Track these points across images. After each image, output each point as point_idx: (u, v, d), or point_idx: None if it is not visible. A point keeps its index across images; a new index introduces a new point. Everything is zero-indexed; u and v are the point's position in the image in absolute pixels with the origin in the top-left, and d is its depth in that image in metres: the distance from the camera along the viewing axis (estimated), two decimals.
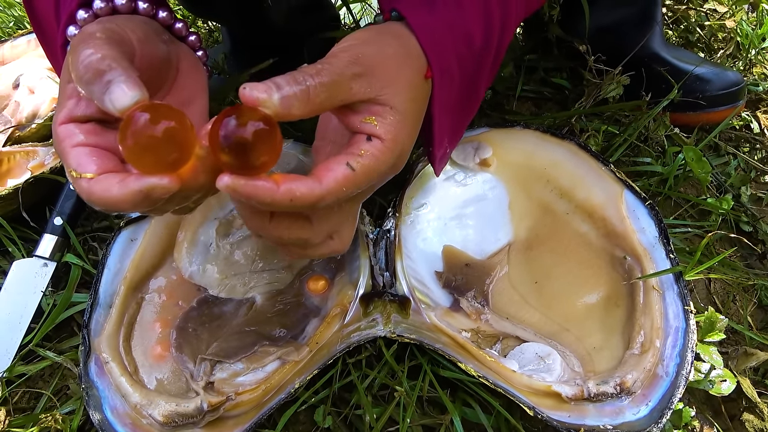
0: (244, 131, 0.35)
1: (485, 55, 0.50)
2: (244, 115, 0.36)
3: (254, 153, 0.36)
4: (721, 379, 0.61)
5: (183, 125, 0.36)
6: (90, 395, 0.55)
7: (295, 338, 0.62)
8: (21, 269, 0.68)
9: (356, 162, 0.41)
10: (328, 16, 0.97)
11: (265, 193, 0.37)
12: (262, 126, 0.36)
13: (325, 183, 0.39)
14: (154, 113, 0.35)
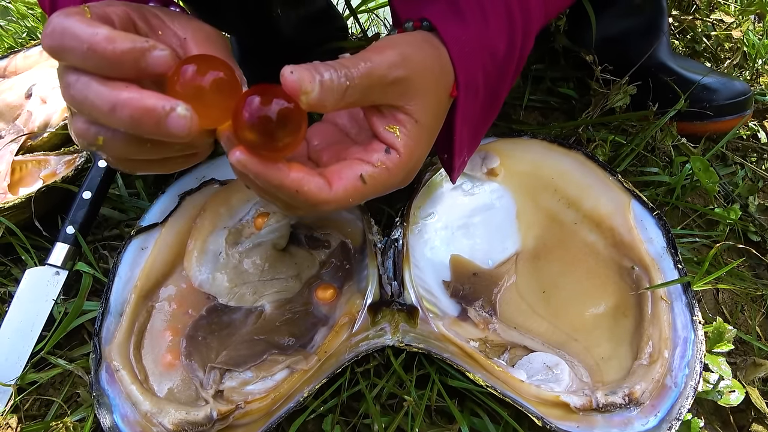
0: (270, 110, 0.35)
1: (508, 65, 0.51)
2: (272, 94, 0.36)
3: (279, 134, 0.36)
4: (729, 389, 0.61)
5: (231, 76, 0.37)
6: (101, 403, 0.55)
7: (303, 347, 0.62)
8: (33, 277, 0.69)
9: (369, 175, 0.41)
10: (335, 26, 0.97)
11: (275, 175, 0.37)
12: (289, 106, 0.36)
13: (334, 189, 0.40)
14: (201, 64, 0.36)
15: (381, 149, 0.43)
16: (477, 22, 0.48)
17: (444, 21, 0.47)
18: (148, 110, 0.35)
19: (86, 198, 0.72)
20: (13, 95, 0.91)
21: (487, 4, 0.48)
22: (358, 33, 1.04)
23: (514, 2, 0.49)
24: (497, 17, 0.48)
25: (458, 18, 0.47)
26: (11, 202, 0.71)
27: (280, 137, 0.36)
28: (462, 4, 0.47)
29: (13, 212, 0.71)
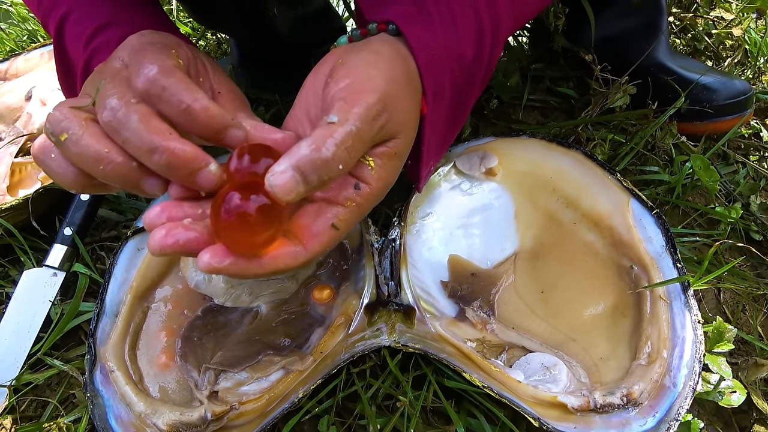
0: (249, 207, 0.36)
1: (476, 71, 0.50)
2: (250, 189, 0.37)
3: (258, 230, 0.37)
4: (730, 390, 0.60)
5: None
6: (95, 404, 0.55)
7: (299, 348, 0.62)
8: (31, 278, 0.69)
9: (341, 219, 0.40)
10: (334, 27, 0.97)
11: (250, 271, 0.38)
12: (268, 203, 0.36)
13: (309, 249, 0.39)
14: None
15: (349, 185, 0.41)
16: (445, 26, 0.46)
17: (411, 24, 0.45)
18: (188, 161, 0.37)
19: (84, 200, 0.72)
20: (13, 97, 0.91)
21: (456, 7, 0.47)
22: None
23: (482, 8, 0.48)
24: (466, 22, 0.47)
25: (426, 21, 0.46)
26: (9, 204, 0.71)
27: (260, 232, 0.37)
28: (430, 6, 0.46)
29: (11, 213, 0.71)
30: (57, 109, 0.40)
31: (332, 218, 0.40)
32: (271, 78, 0.93)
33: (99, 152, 0.38)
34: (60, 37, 0.52)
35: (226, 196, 0.37)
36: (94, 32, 0.49)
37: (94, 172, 0.39)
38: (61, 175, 0.41)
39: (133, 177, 0.39)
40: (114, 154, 0.38)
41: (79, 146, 0.38)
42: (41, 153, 0.41)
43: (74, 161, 0.40)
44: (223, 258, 0.36)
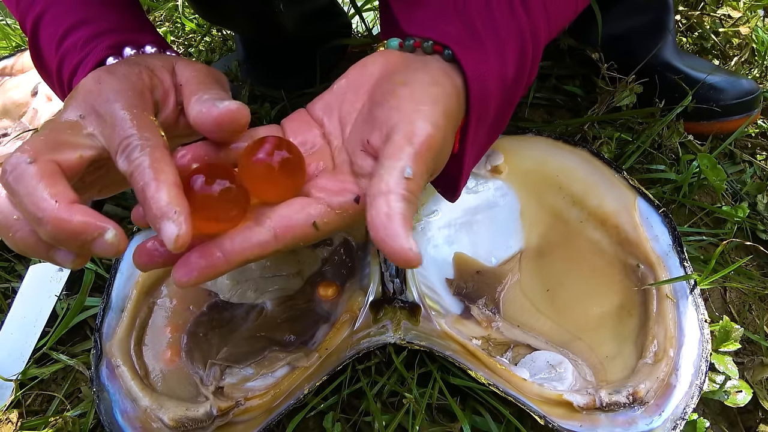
0: (213, 189, 0.36)
1: (517, 89, 0.48)
2: (215, 173, 0.37)
3: (223, 210, 0.37)
4: (736, 389, 0.60)
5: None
6: (101, 399, 0.55)
7: (304, 344, 0.62)
8: (37, 274, 0.69)
9: (325, 222, 0.39)
10: (340, 23, 0.97)
11: (218, 272, 0.36)
12: (230, 185, 0.37)
13: (281, 240, 0.38)
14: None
15: (350, 193, 0.40)
16: (495, 52, 0.44)
17: (466, 51, 0.43)
18: (76, 233, 0.33)
19: None
20: (19, 93, 0.91)
21: (502, 28, 0.45)
22: (363, 31, 1.03)
23: (524, 25, 0.46)
24: (511, 43, 0.45)
25: (478, 47, 0.44)
26: None
27: (220, 215, 0.37)
28: (478, 26, 0.44)
29: None
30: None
31: (316, 217, 0.38)
32: (276, 74, 0.93)
33: (8, 218, 0.35)
34: (35, 39, 0.50)
35: (191, 177, 0.37)
36: (65, 32, 0.48)
37: (7, 240, 0.36)
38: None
39: (41, 249, 0.36)
40: (22, 222, 0.35)
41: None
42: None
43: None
44: (190, 271, 0.35)
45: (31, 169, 0.34)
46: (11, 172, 0.34)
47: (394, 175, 0.36)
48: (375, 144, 0.40)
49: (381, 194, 0.35)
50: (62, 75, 0.48)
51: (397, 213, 0.34)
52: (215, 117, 0.40)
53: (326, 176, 0.42)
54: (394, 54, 0.46)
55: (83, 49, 0.47)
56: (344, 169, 0.42)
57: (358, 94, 0.44)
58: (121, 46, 0.47)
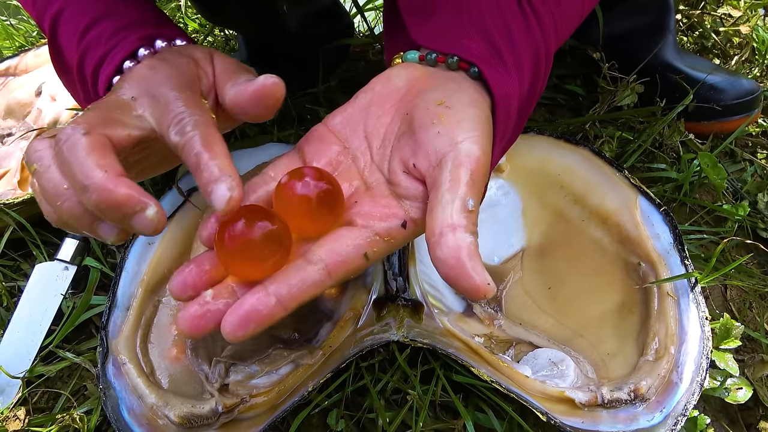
0: (254, 234, 0.35)
1: (531, 101, 0.48)
2: (252, 215, 0.36)
3: (264, 255, 0.36)
4: (737, 386, 0.61)
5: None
6: (107, 396, 0.56)
7: (308, 342, 0.62)
8: (43, 272, 0.70)
9: (374, 252, 0.38)
10: (342, 23, 0.98)
11: (276, 318, 0.35)
12: (272, 228, 0.36)
13: (335, 276, 0.37)
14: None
15: (397, 217, 0.39)
16: (515, 70, 0.44)
17: (492, 70, 0.43)
18: (119, 204, 0.34)
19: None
20: (23, 93, 0.92)
21: (519, 45, 0.44)
22: (365, 31, 1.04)
23: (540, 43, 0.46)
24: (528, 60, 0.45)
25: (500, 64, 0.43)
26: (21, 198, 0.71)
27: (266, 258, 0.36)
28: (499, 43, 0.44)
29: (23, 207, 0.72)
30: (37, 138, 0.38)
31: (366, 248, 0.38)
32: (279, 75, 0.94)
33: (58, 187, 0.36)
34: (54, 36, 0.50)
35: (230, 224, 0.36)
36: (86, 27, 0.48)
37: (55, 209, 0.37)
38: (41, 206, 0.39)
39: (86, 220, 0.37)
40: (71, 192, 0.36)
41: (44, 179, 0.36)
42: (31, 184, 0.39)
43: (42, 195, 0.38)
44: (246, 324, 0.34)
45: (84, 140, 0.35)
46: (65, 141, 0.35)
47: (457, 207, 0.35)
48: (422, 168, 0.39)
49: (447, 230, 0.34)
50: (84, 68, 0.48)
51: (466, 248, 0.34)
52: (251, 92, 0.41)
53: (366, 201, 0.41)
54: (418, 68, 0.46)
55: (109, 42, 0.47)
56: (382, 191, 0.41)
57: (384, 108, 0.44)
58: (152, 38, 0.47)
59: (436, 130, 0.39)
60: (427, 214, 0.37)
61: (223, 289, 0.37)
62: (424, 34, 0.47)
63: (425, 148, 0.39)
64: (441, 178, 0.37)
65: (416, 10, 0.48)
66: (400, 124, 0.43)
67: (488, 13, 0.45)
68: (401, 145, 0.41)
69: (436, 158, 0.38)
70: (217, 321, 0.35)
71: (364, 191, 0.42)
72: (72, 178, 0.35)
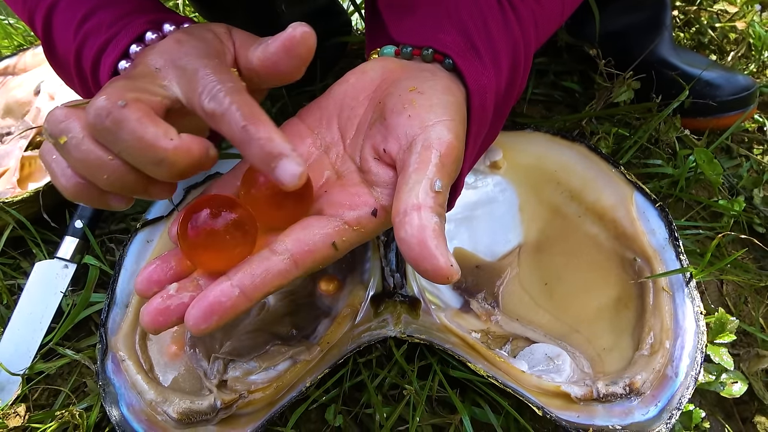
0: (217, 223, 0.35)
1: (509, 99, 0.48)
2: (217, 204, 0.36)
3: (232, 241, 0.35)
4: (732, 381, 0.61)
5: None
6: (107, 392, 0.56)
7: (306, 338, 0.62)
8: (42, 270, 0.70)
9: (343, 241, 0.37)
10: (340, 21, 0.98)
11: (239, 311, 0.35)
12: (236, 216, 0.35)
13: (301, 266, 0.36)
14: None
15: (367, 205, 0.38)
16: (491, 64, 0.44)
17: (467, 62, 0.42)
18: (196, 160, 0.35)
19: None
20: (22, 92, 0.92)
21: (497, 41, 0.44)
22: (363, 28, 1.04)
23: (518, 39, 0.46)
24: (506, 57, 0.45)
25: (477, 58, 0.43)
26: (20, 196, 0.72)
27: (229, 248, 0.35)
28: (475, 38, 0.43)
29: (22, 206, 0.72)
30: (58, 108, 0.36)
31: (334, 237, 0.37)
32: None
33: (101, 159, 0.35)
34: (48, 29, 0.49)
35: (191, 215, 0.35)
36: (84, 17, 0.46)
37: (97, 180, 0.36)
38: (59, 180, 0.38)
39: (140, 185, 0.37)
40: (118, 162, 0.35)
41: (80, 151, 0.35)
42: (45, 154, 0.38)
43: (74, 166, 0.36)
44: (209, 316, 0.34)
45: (128, 112, 0.34)
46: (107, 116, 0.34)
47: (424, 188, 0.35)
48: (392, 153, 0.38)
49: (412, 209, 0.34)
50: (82, 58, 0.47)
51: (431, 229, 0.33)
52: (282, 42, 0.39)
53: (336, 189, 0.40)
54: (393, 61, 0.45)
55: (110, 29, 0.45)
56: (353, 179, 0.40)
57: (358, 100, 0.43)
58: (159, 22, 0.46)
59: (407, 114, 0.38)
60: (394, 196, 0.36)
61: (188, 282, 0.37)
62: (402, 30, 0.47)
63: (396, 133, 0.38)
64: (410, 160, 0.36)
65: (394, 6, 0.48)
66: (372, 113, 0.42)
67: (466, 9, 0.44)
68: (373, 132, 0.41)
69: (407, 141, 0.37)
70: (181, 314, 0.35)
71: (335, 181, 0.41)
72: (131, 151, 0.34)
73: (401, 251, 0.34)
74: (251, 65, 0.42)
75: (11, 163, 0.82)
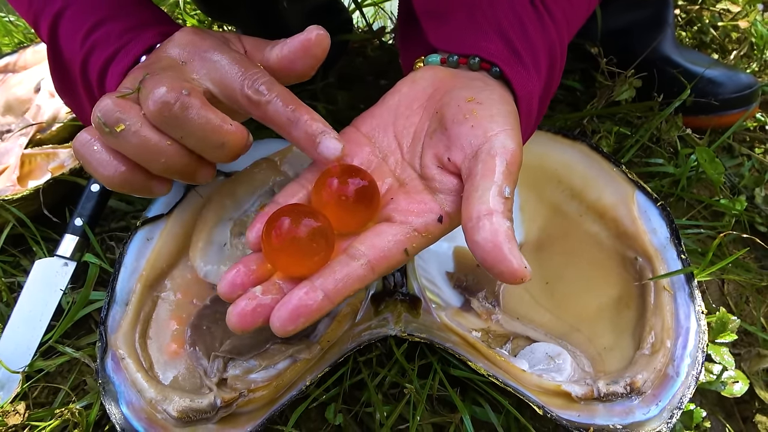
0: (300, 230, 0.37)
1: (546, 98, 0.50)
2: (299, 213, 0.38)
3: (310, 250, 0.37)
4: (733, 380, 0.61)
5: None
6: (106, 390, 0.56)
7: (306, 336, 0.62)
8: (42, 268, 0.70)
9: (413, 247, 0.40)
10: (341, 19, 0.98)
11: (323, 312, 0.37)
12: (318, 224, 0.38)
13: (377, 271, 0.39)
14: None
15: (433, 212, 0.40)
16: (534, 69, 0.45)
17: (513, 70, 0.44)
18: (247, 143, 0.41)
19: (94, 191, 0.73)
20: (22, 89, 0.92)
21: (536, 44, 0.46)
22: (364, 27, 1.04)
23: (555, 39, 0.47)
24: (544, 59, 0.46)
25: (521, 64, 0.45)
26: (20, 194, 0.72)
27: (314, 254, 0.38)
28: (515, 42, 0.45)
29: (22, 203, 0.72)
30: (107, 99, 0.38)
31: (406, 243, 0.39)
32: None
33: (160, 144, 0.38)
34: (54, 35, 0.50)
35: (276, 223, 0.37)
36: (92, 26, 0.48)
37: (152, 165, 0.39)
38: (103, 169, 0.40)
39: (191, 168, 0.40)
40: (176, 146, 0.39)
41: (140, 138, 0.38)
42: (82, 147, 0.40)
43: (129, 153, 0.39)
44: (296, 318, 0.36)
45: (193, 100, 0.38)
46: (175, 103, 0.37)
47: (494, 194, 0.36)
48: (457, 161, 0.40)
49: (485, 215, 0.35)
50: (89, 66, 0.49)
51: (504, 233, 0.35)
52: (299, 42, 0.42)
53: (402, 197, 0.42)
54: (441, 70, 0.47)
55: (120, 39, 0.47)
56: (417, 186, 0.42)
57: (412, 109, 0.45)
58: (170, 34, 0.47)
59: (469, 125, 0.40)
60: (462, 202, 0.38)
61: (271, 285, 0.39)
62: (440, 37, 0.48)
63: (460, 142, 0.40)
64: (477, 168, 0.38)
65: (432, 13, 0.49)
66: (429, 122, 0.44)
67: (503, 13, 0.46)
68: (434, 141, 0.43)
69: (471, 150, 0.39)
70: (266, 316, 0.37)
71: (398, 188, 0.43)
72: (196, 136, 0.38)
73: (475, 255, 0.36)
74: (267, 63, 0.44)
75: (11, 160, 0.82)
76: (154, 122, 0.38)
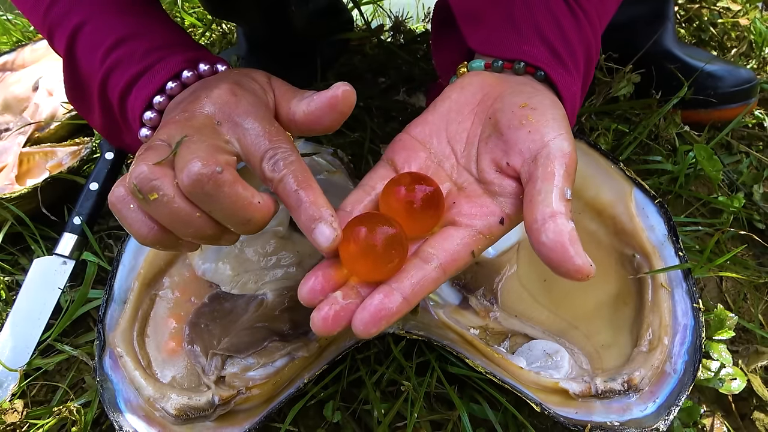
0: (376, 236, 0.38)
1: (583, 94, 0.51)
2: (375, 221, 0.39)
3: (385, 258, 0.38)
4: (731, 377, 0.61)
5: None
6: (104, 388, 0.56)
7: (304, 334, 0.62)
8: (41, 267, 0.70)
9: (479, 249, 0.41)
10: (342, 19, 0.98)
11: (401, 314, 0.38)
12: (395, 230, 0.39)
13: (448, 272, 0.40)
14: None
15: (495, 215, 0.42)
16: (574, 70, 0.47)
17: (557, 73, 0.46)
18: (269, 218, 0.41)
19: (93, 189, 0.73)
20: (20, 88, 0.92)
21: (574, 44, 0.47)
22: (363, 25, 1.04)
23: (591, 38, 0.48)
24: (582, 58, 0.48)
25: (562, 66, 0.46)
26: (18, 192, 0.72)
27: (392, 259, 0.39)
28: (555, 44, 0.46)
29: (20, 202, 0.72)
30: (143, 165, 0.39)
31: (473, 246, 0.41)
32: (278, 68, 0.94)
33: (190, 215, 0.39)
34: (71, 49, 0.50)
35: (355, 231, 0.39)
36: (113, 44, 0.48)
37: (180, 232, 0.40)
38: (137, 229, 0.41)
39: (217, 236, 0.41)
40: (205, 218, 0.40)
41: (171, 208, 0.39)
42: (119, 203, 0.41)
43: (161, 220, 0.40)
44: (378, 321, 0.37)
45: (226, 177, 0.38)
46: (208, 182, 0.38)
47: (556, 196, 0.38)
48: (516, 165, 0.42)
49: (549, 217, 0.37)
50: (109, 85, 0.49)
51: (568, 234, 0.37)
52: (327, 100, 0.43)
53: (463, 201, 0.43)
54: (488, 75, 0.48)
55: (143, 60, 0.48)
56: (476, 190, 0.43)
57: (463, 114, 0.46)
58: (196, 61, 0.49)
59: (526, 130, 0.41)
60: (525, 205, 0.39)
61: (350, 290, 0.40)
62: (479, 40, 0.49)
63: (518, 147, 0.41)
64: (537, 172, 0.39)
65: (470, 16, 0.50)
66: (482, 127, 0.45)
67: (539, 13, 0.47)
68: (489, 146, 0.44)
69: (530, 155, 0.41)
70: (348, 319, 0.38)
71: (458, 192, 0.44)
72: (225, 212, 0.39)
73: (540, 255, 0.38)
74: (293, 117, 0.45)
75: (10, 159, 0.82)
76: (186, 194, 0.39)
